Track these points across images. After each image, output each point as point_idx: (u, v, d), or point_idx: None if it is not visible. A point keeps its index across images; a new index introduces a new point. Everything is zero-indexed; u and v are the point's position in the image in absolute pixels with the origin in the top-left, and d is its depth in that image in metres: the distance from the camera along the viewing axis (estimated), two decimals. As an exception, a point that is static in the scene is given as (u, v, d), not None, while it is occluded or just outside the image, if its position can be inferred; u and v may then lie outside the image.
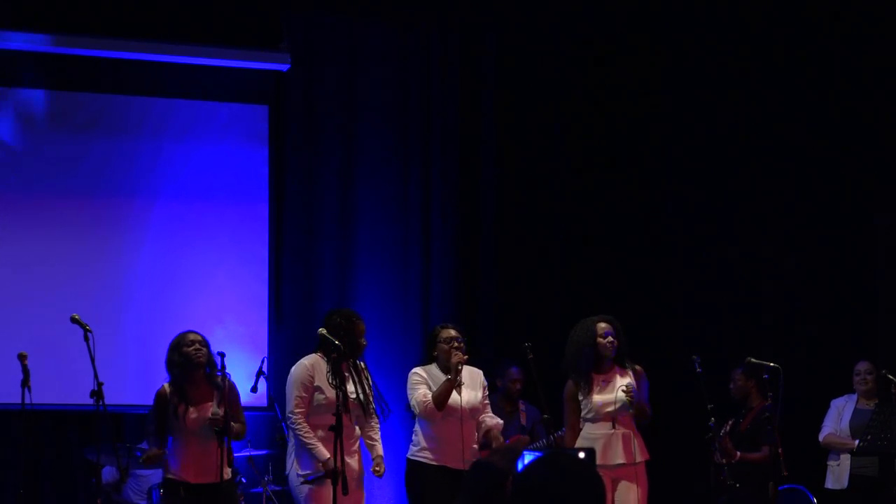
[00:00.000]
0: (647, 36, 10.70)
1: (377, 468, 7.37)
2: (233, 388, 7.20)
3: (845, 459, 8.96)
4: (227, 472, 7.12)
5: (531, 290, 10.41)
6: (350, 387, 7.28)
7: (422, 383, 7.52)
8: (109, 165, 9.66)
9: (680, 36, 10.69)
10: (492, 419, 7.67)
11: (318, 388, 7.19)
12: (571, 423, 7.61)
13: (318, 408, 7.18)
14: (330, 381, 7.19)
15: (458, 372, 7.42)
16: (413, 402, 7.53)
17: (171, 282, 9.65)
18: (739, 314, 10.48)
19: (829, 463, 9.09)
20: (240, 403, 7.27)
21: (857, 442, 8.82)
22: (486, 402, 7.73)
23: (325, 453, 7.03)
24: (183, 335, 7.18)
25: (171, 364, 7.14)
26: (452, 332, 7.56)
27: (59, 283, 9.39)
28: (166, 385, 7.14)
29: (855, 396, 9.13)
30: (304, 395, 7.19)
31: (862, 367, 9.13)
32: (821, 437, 9.10)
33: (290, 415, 7.21)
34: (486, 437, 7.62)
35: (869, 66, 10.39)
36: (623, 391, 7.40)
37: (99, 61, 9.62)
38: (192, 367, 7.09)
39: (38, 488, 9.20)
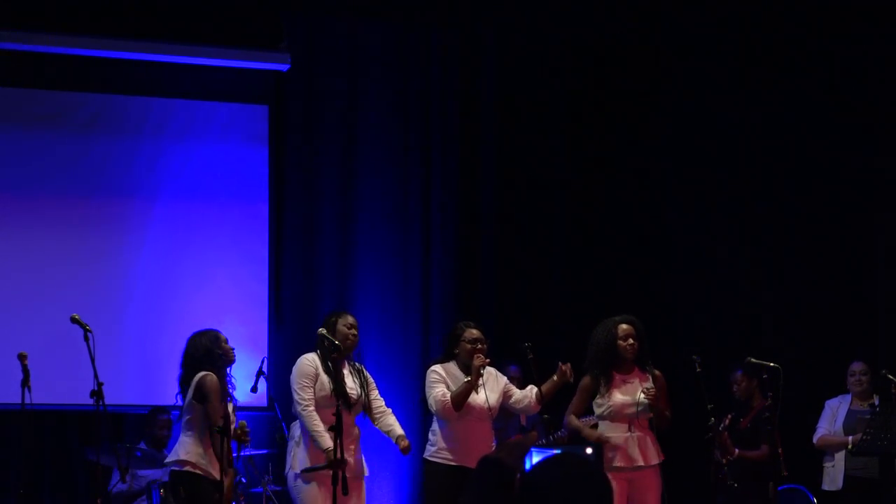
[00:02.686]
0: (647, 35, 10.70)
1: (405, 443, 7.31)
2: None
3: (840, 460, 8.95)
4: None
5: (531, 290, 10.42)
6: (350, 384, 7.29)
7: (440, 381, 7.48)
8: (109, 165, 9.67)
9: (680, 36, 10.70)
10: (526, 393, 7.63)
11: (320, 383, 7.21)
12: (576, 409, 7.64)
13: (318, 402, 7.18)
14: (328, 378, 7.21)
15: (480, 375, 7.42)
16: (430, 401, 7.49)
17: (171, 282, 9.66)
18: (739, 314, 10.48)
19: (824, 465, 9.09)
20: None
21: (850, 438, 8.81)
22: (511, 386, 7.71)
23: (328, 442, 6.97)
24: (217, 332, 7.15)
25: (211, 356, 7.04)
26: (476, 333, 7.53)
27: (59, 283, 9.39)
28: (211, 374, 6.99)
29: (849, 397, 9.12)
30: (311, 385, 7.19)
31: (857, 367, 9.12)
32: (815, 439, 9.08)
33: (300, 402, 7.16)
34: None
35: (869, 66, 10.39)
36: (644, 393, 7.43)
37: (99, 61, 9.62)
38: (226, 365, 7.11)
39: (38, 488, 9.21)
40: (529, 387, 7.65)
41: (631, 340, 7.57)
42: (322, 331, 7.30)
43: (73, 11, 9.51)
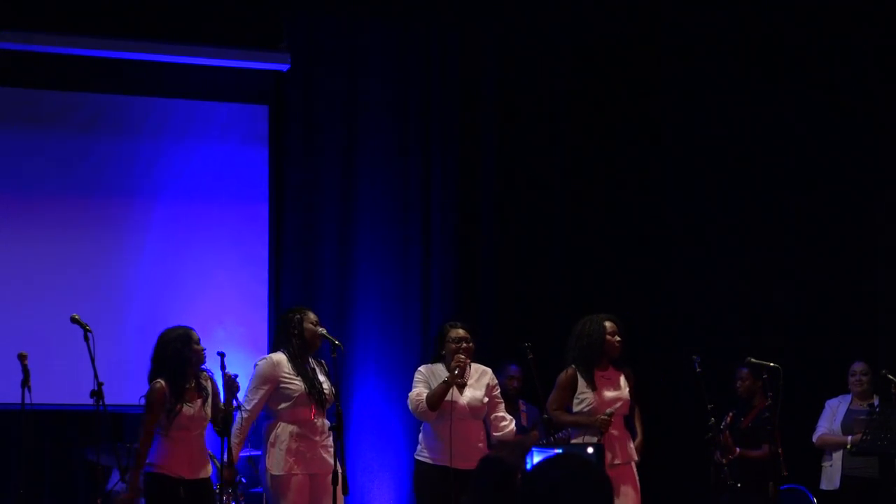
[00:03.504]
0: (647, 35, 10.70)
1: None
2: (216, 386, 7.19)
3: (837, 460, 8.98)
4: (209, 470, 7.12)
5: (531, 290, 10.42)
6: (322, 380, 7.25)
7: (422, 382, 7.51)
8: (109, 165, 9.66)
9: (680, 36, 10.70)
10: (506, 424, 7.62)
11: (290, 382, 7.15)
12: (559, 406, 7.60)
13: (294, 401, 7.12)
14: (301, 378, 7.15)
15: (456, 376, 7.39)
16: (407, 401, 7.54)
17: (172, 282, 9.65)
18: (739, 314, 10.48)
19: (822, 464, 9.12)
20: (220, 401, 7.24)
21: (849, 438, 8.83)
22: (499, 401, 7.67)
23: (228, 459, 6.95)
24: (188, 331, 7.07)
25: (180, 357, 7.01)
26: (461, 332, 7.52)
27: (60, 283, 9.39)
28: (162, 382, 7.00)
29: (849, 397, 9.14)
30: (262, 389, 7.14)
31: (858, 367, 9.14)
32: (814, 438, 9.12)
33: (246, 404, 7.09)
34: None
35: (869, 65, 10.40)
36: (604, 417, 7.43)
37: (99, 61, 9.61)
38: (197, 365, 7.07)
39: (38, 488, 9.20)
40: (511, 428, 7.62)
41: (618, 337, 7.61)
42: (322, 330, 7.28)
43: (73, 11, 9.51)
